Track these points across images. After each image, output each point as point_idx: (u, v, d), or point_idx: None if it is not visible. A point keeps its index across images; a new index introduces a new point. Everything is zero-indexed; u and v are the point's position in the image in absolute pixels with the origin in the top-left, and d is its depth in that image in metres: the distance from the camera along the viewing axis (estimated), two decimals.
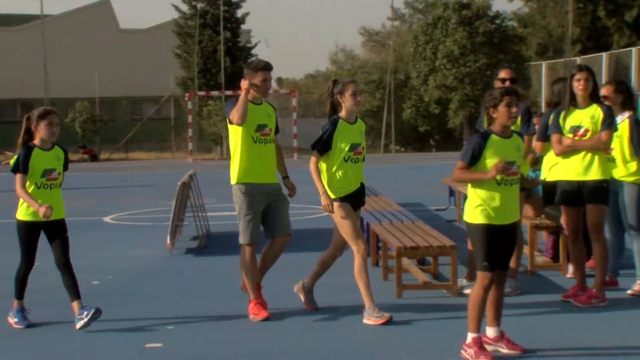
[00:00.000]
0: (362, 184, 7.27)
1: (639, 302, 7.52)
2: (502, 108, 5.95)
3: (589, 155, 7.34)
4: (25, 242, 7.03)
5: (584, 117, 7.36)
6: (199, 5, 39.89)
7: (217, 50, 38.21)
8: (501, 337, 6.07)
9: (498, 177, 5.90)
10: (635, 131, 7.81)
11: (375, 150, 36.55)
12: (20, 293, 7.12)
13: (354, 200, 7.20)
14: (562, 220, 7.77)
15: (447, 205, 13.88)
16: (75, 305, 6.97)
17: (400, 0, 57.02)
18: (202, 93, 35.92)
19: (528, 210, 9.14)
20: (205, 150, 38.76)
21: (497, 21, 36.95)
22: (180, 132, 37.40)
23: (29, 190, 6.91)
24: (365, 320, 6.98)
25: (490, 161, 5.89)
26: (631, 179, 7.82)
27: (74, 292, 6.99)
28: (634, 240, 7.90)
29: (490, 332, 6.09)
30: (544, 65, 29.25)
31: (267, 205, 7.33)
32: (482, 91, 30.64)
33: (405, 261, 8.54)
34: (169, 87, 40.40)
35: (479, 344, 5.90)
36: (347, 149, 7.10)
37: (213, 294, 8.36)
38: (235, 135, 7.28)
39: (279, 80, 44.53)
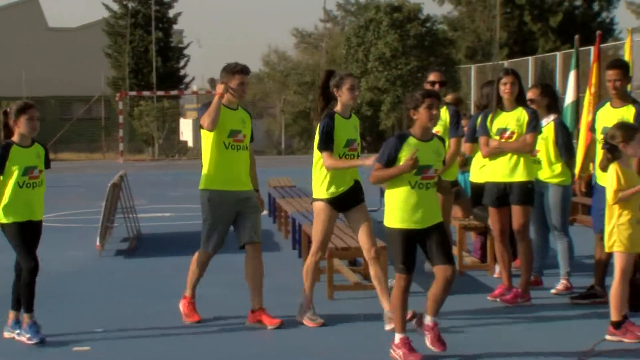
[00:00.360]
0: (356, 181, 7.00)
1: (562, 300, 7.71)
2: (422, 110, 5.93)
3: (515, 157, 7.48)
4: (18, 242, 6.56)
5: (510, 120, 7.51)
6: (130, 5, 39.45)
7: (149, 50, 37.85)
8: (432, 327, 6.05)
9: (412, 180, 5.89)
10: (560, 134, 8.01)
11: (308, 152, 36.60)
12: (29, 305, 6.53)
13: (346, 199, 6.93)
14: (490, 221, 7.91)
15: (379, 206, 14.00)
16: (12, 315, 6.74)
17: (333, 2, 57.29)
18: (134, 93, 35.53)
19: (457, 212, 9.29)
20: (136, 151, 38.36)
21: (428, 24, 37.33)
22: (111, 133, 36.94)
23: (10, 190, 6.49)
24: (298, 319, 7.01)
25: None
26: (556, 180, 8.02)
27: (18, 303, 6.68)
28: (558, 240, 8.11)
29: (426, 318, 6.09)
30: (473, 68, 29.64)
31: (237, 213, 6.99)
32: None
33: (336, 262, 8.60)
34: (99, 87, 39.86)
35: (408, 344, 5.95)
36: (342, 145, 6.82)
37: (143, 296, 8.30)
38: (207, 139, 6.92)
39: (212, 81, 44.28)
